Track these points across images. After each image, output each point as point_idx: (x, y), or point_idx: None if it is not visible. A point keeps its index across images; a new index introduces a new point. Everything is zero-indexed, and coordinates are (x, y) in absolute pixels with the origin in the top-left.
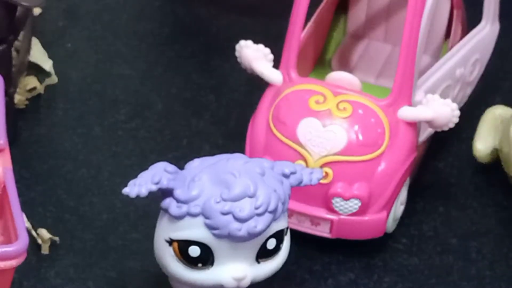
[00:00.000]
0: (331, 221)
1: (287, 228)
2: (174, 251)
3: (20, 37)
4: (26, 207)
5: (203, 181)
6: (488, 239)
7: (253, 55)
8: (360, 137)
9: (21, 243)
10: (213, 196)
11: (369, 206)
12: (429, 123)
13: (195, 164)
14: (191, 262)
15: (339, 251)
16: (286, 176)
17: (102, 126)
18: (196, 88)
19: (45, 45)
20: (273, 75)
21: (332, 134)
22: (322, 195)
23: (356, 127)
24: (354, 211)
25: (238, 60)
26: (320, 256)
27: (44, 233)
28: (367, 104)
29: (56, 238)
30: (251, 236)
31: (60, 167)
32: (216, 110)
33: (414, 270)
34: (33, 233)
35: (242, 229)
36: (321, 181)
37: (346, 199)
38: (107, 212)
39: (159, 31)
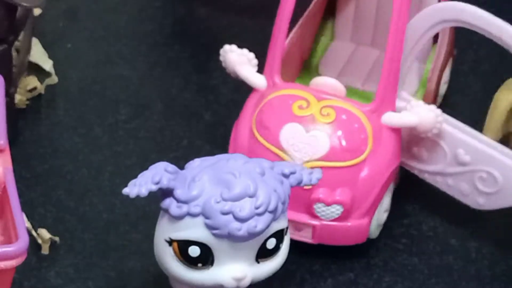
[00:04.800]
0: (313, 227)
1: (287, 228)
2: (174, 251)
3: (21, 37)
4: (26, 207)
5: (203, 181)
6: (488, 239)
7: (237, 59)
8: (343, 142)
9: (21, 243)
10: (213, 196)
11: (352, 211)
12: (413, 128)
13: (196, 164)
14: (191, 262)
15: (339, 251)
16: (286, 176)
17: (102, 126)
18: (196, 88)
19: (45, 45)
20: (257, 80)
21: (314, 139)
22: (304, 201)
23: (339, 133)
24: (336, 216)
25: (223, 64)
26: (320, 256)
27: (44, 233)
28: (350, 109)
29: (56, 238)
30: (251, 236)
31: (60, 167)
32: (216, 110)
33: (414, 270)
34: (33, 233)
35: (242, 229)
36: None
37: (328, 204)
38: (107, 212)
39: (159, 31)
